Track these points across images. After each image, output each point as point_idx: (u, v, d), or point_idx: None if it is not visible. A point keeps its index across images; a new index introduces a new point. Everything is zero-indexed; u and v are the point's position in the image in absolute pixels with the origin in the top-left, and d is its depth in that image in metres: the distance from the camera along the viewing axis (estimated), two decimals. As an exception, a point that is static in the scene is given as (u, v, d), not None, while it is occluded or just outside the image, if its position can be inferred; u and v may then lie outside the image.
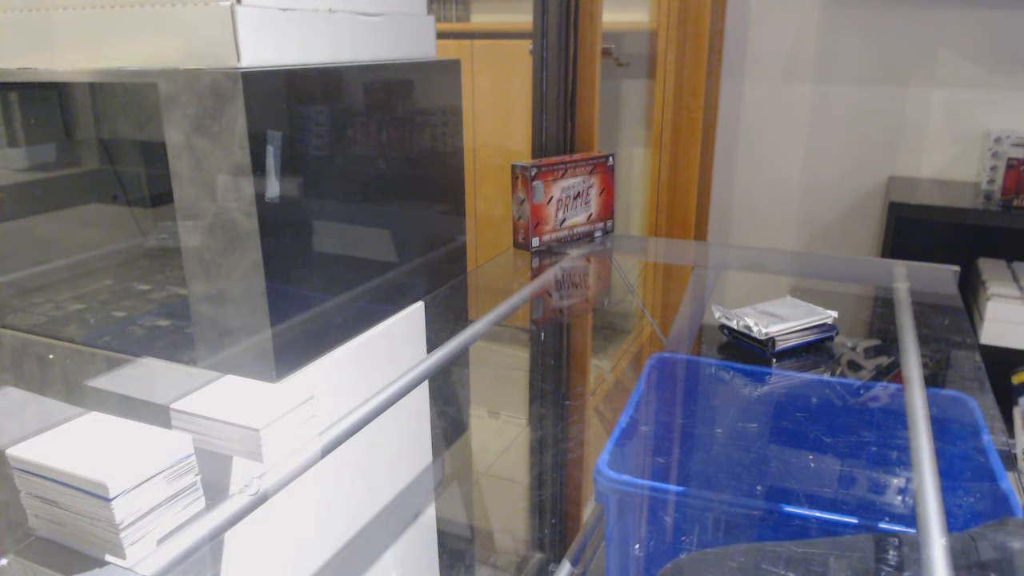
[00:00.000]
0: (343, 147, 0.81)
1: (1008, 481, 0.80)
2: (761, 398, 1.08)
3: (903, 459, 1.00)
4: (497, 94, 2.17)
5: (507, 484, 1.58)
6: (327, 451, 0.68)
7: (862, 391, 1.03)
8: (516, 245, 1.32)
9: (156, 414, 0.69)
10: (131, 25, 0.71)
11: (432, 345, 1.00)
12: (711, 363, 1.13)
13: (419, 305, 0.99)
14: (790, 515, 0.79)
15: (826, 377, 1.05)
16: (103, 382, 0.79)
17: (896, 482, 1.00)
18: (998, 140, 1.89)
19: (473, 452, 1.42)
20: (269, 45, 0.71)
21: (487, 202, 2.21)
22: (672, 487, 0.89)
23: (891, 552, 0.68)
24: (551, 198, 1.29)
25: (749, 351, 1.10)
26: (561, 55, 1.43)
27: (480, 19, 2.50)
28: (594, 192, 1.35)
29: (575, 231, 1.35)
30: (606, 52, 2.26)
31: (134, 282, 0.96)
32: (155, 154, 1.01)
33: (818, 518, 0.78)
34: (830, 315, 1.12)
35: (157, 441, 0.60)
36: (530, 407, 1.56)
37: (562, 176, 1.30)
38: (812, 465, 1.04)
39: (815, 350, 1.11)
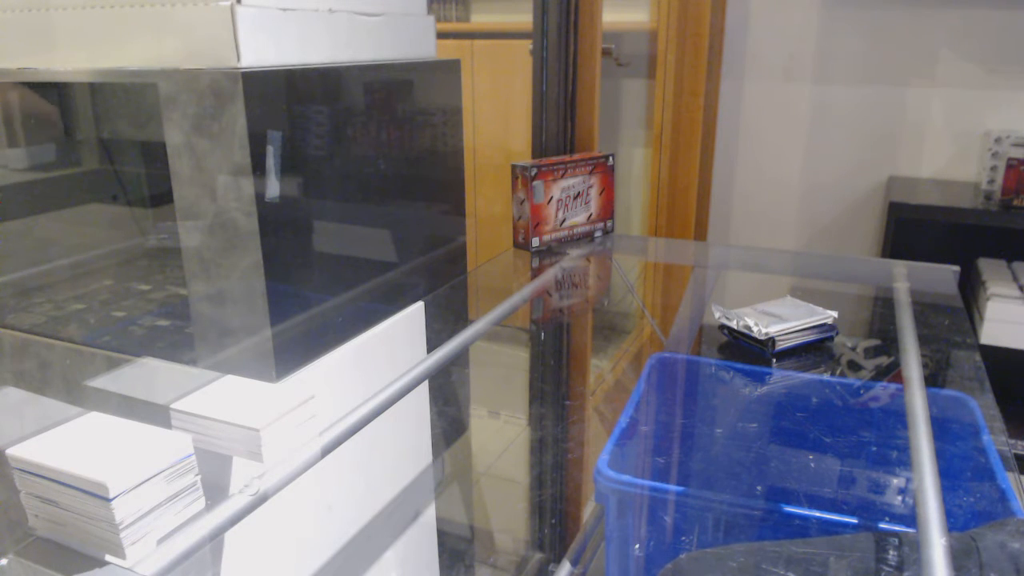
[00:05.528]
0: (343, 147, 0.81)
1: (1008, 481, 0.80)
2: (761, 398, 1.08)
3: (903, 459, 1.00)
4: (497, 94, 2.17)
5: (507, 484, 1.58)
6: (327, 451, 0.68)
7: (862, 391, 1.03)
8: (516, 245, 1.32)
9: (156, 414, 0.69)
10: (131, 25, 0.71)
11: (432, 345, 1.00)
12: (711, 363, 1.13)
13: (419, 305, 0.99)
14: (790, 515, 0.79)
15: (826, 377, 1.05)
16: (103, 382, 0.79)
17: (896, 482, 1.00)
18: (998, 140, 1.89)
19: (473, 452, 1.42)
20: (269, 45, 0.71)
21: (487, 202, 2.21)
22: (672, 487, 0.89)
23: (891, 552, 0.68)
24: (551, 198, 1.29)
25: (749, 351, 1.10)
26: (561, 55, 1.43)
27: (480, 19, 2.50)
28: (594, 192, 1.35)
29: (575, 231, 1.35)
30: (606, 52, 2.26)
31: (134, 282, 0.96)
32: (155, 154, 1.01)
33: (818, 518, 0.78)
34: (830, 315, 1.12)
35: (157, 441, 0.60)
36: (530, 407, 1.56)
37: (562, 176, 1.30)
38: (812, 465, 1.04)
39: (815, 350, 1.11)
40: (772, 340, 1.08)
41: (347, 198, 0.83)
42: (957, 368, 1.02)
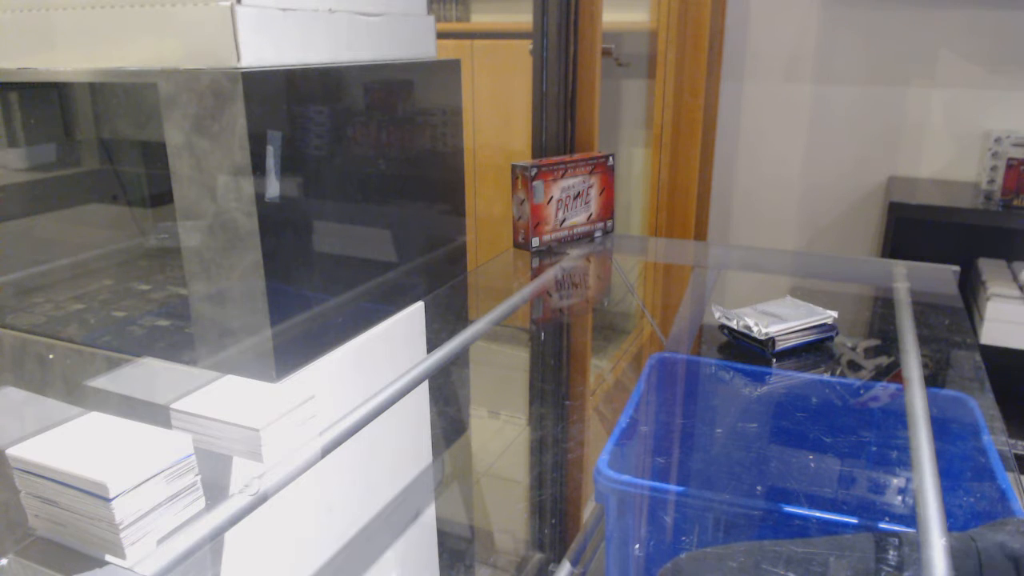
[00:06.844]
0: (343, 147, 0.81)
1: (1008, 481, 0.80)
2: (761, 398, 1.08)
3: (903, 459, 1.00)
4: (497, 94, 2.17)
5: (507, 484, 1.58)
6: (327, 451, 0.68)
7: (862, 391, 1.03)
8: (516, 245, 1.32)
9: (156, 414, 0.69)
10: (131, 25, 0.71)
11: (432, 345, 1.00)
12: (711, 363, 1.13)
13: (419, 305, 0.99)
14: (790, 515, 0.79)
15: (826, 377, 1.05)
16: (103, 382, 0.79)
17: (896, 482, 1.00)
18: (998, 140, 1.89)
19: (473, 452, 1.42)
20: (269, 45, 0.71)
21: (487, 202, 2.21)
22: (672, 487, 0.89)
23: (891, 552, 0.68)
24: (551, 198, 1.29)
25: (749, 351, 1.10)
26: (561, 55, 1.43)
27: (480, 19, 2.50)
28: (594, 192, 1.35)
29: (575, 231, 1.35)
30: (606, 52, 2.26)
31: (134, 282, 0.96)
32: (155, 154, 1.01)
33: (818, 518, 0.78)
34: (830, 315, 1.12)
35: (157, 441, 0.60)
36: (530, 407, 1.56)
37: (562, 176, 1.30)
38: (812, 465, 1.04)
39: (815, 350, 1.11)
40: (772, 340, 1.08)
41: (347, 198, 0.83)
42: (957, 368, 1.02)
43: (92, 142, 1.03)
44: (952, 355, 1.04)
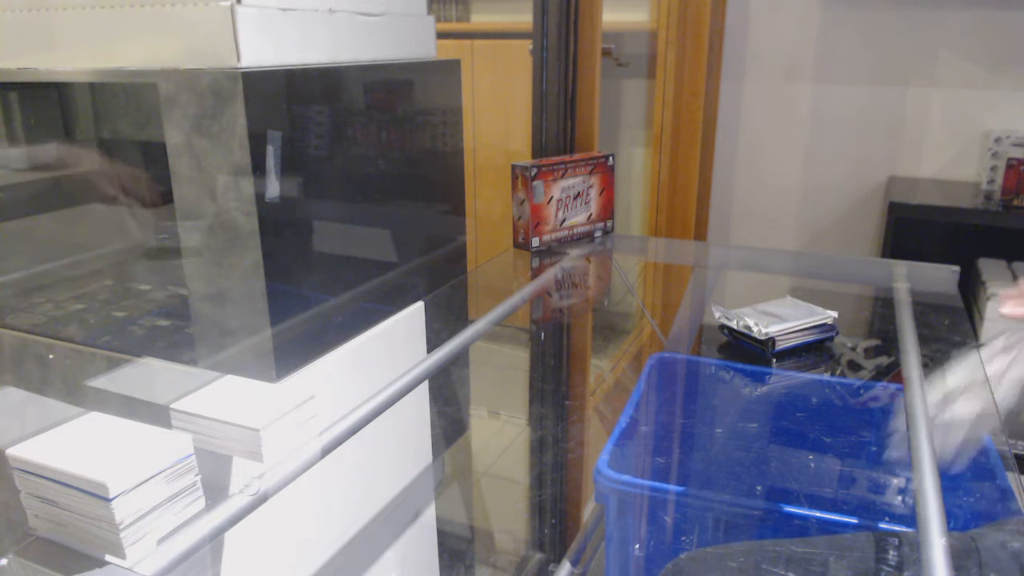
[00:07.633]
0: (343, 147, 0.81)
1: (1008, 481, 0.80)
2: (761, 398, 1.08)
3: (903, 459, 1.00)
4: (497, 94, 2.17)
5: (507, 484, 1.58)
6: (327, 451, 0.68)
7: (862, 391, 1.03)
8: (516, 245, 1.32)
9: (156, 414, 0.69)
10: (131, 25, 0.71)
11: (432, 345, 1.00)
12: (711, 363, 1.13)
13: (419, 305, 0.99)
14: (790, 515, 0.79)
15: (826, 377, 1.05)
16: (103, 382, 0.79)
17: (896, 482, 1.00)
18: (998, 140, 1.89)
19: (473, 452, 1.42)
20: (269, 45, 0.71)
21: (487, 202, 2.21)
22: (672, 487, 0.89)
23: (891, 552, 0.68)
24: (551, 198, 1.29)
25: (749, 351, 1.10)
26: (561, 55, 1.43)
27: (480, 19, 2.50)
28: (594, 192, 1.35)
29: (575, 231, 1.35)
30: (606, 52, 2.26)
31: (134, 282, 0.96)
32: (155, 154, 1.01)
33: (818, 518, 0.78)
34: (830, 315, 1.12)
35: (157, 441, 0.60)
36: (530, 407, 1.56)
37: (562, 176, 1.30)
38: (812, 465, 1.04)
39: (815, 350, 1.11)
40: (772, 340, 1.08)
41: (347, 198, 0.83)
42: (957, 368, 1.02)
43: (92, 142, 1.03)
44: (952, 355, 1.04)
